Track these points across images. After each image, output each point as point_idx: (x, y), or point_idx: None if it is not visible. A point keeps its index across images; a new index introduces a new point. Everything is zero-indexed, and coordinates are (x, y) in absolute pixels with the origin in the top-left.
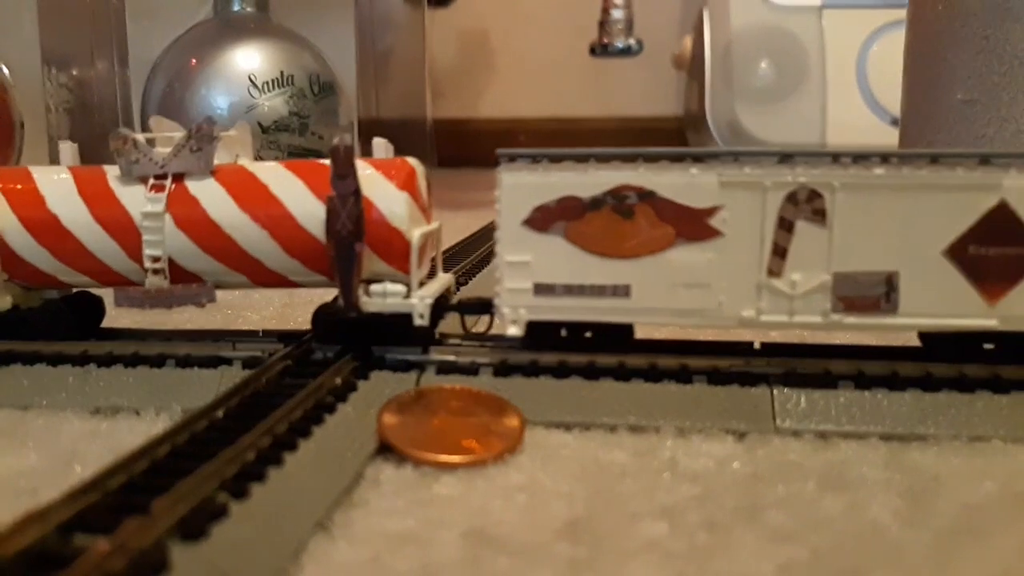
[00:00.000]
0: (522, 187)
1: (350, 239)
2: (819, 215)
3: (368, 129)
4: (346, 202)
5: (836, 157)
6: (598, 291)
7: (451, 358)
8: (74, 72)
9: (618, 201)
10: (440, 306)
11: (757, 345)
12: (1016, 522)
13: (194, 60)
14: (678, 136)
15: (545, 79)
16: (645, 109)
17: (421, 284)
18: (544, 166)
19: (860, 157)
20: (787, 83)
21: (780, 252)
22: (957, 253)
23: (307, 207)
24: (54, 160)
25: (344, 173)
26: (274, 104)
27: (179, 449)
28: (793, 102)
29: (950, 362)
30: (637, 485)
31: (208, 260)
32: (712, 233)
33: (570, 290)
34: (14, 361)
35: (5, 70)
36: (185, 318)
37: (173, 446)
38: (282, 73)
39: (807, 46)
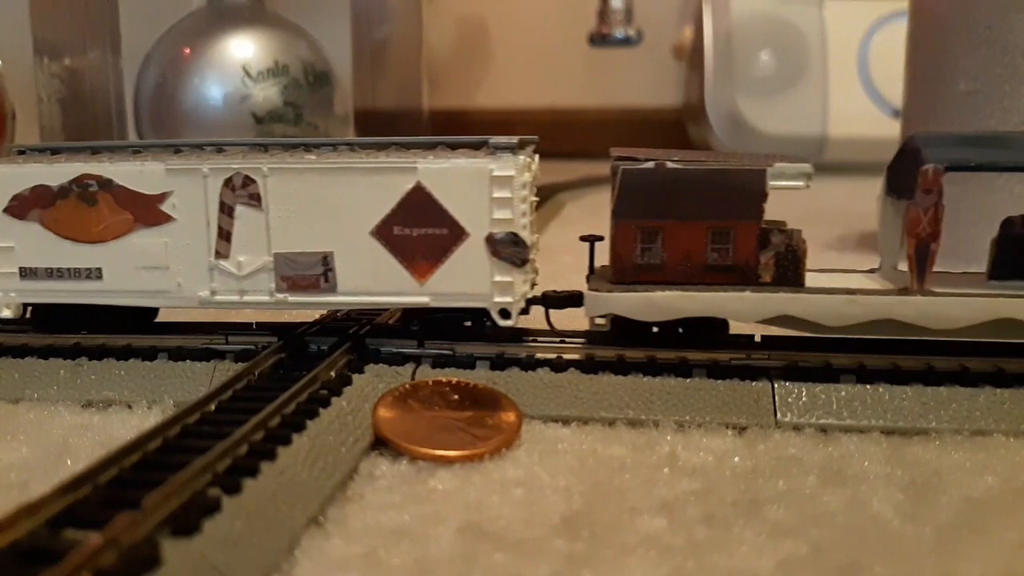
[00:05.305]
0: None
1: None
2: (255, 199)
3: (364, 119)
4: None
5: (265, 146)
6: (75, 274)
7: (447, 351)
8: (66, 62)
9: (82, 189)
10: None
11: (757, 338)
12: (1017, 516)
13: (187, 49)
14: (679, 127)
15: (543, 69)
16: (645, 100)
17: None
18: (19, 158)
19: (288, 145)
20: (788, 74)
21: (225, 235)
22: (384, 234)
23: None
24: None
25: None
26: (268, 94)
27: (171, 443)
28: (794, 93)
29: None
30: (636, 479)
31: None
32: (164, 218)
33: (51, 273)
34: (5, 354)
35: None
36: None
37: (165, 440)
38: (276, 62)
39: (808, 36)
